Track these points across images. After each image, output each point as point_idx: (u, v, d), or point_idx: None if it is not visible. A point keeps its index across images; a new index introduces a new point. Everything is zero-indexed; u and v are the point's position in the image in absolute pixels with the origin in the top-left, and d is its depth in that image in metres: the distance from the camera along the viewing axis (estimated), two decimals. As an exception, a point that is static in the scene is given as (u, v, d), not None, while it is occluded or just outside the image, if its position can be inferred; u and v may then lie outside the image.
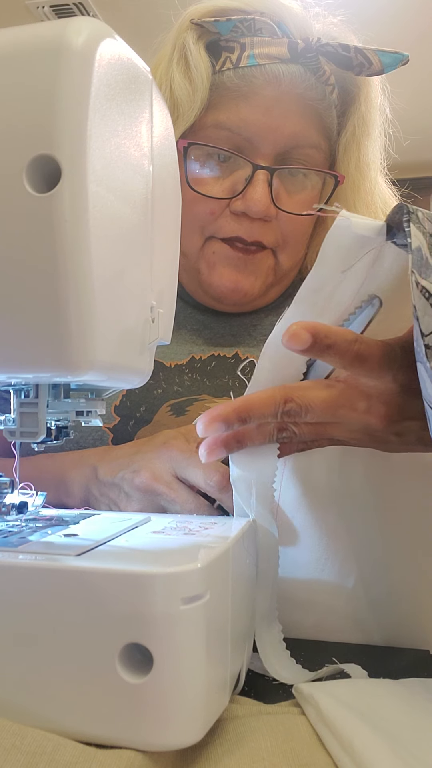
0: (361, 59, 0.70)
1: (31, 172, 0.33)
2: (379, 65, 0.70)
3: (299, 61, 0.71)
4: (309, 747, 0.35)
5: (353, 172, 0.78)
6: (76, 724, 0.33)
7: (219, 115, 0.73)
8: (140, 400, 0.78)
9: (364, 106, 0.77)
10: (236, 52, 0.73)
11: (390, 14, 2.86)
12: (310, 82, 0.72)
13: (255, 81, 0.71)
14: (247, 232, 0.74)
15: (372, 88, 0.77)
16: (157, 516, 0.50)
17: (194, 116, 0.73)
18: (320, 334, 0.41)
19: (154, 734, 0.32)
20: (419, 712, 0.38)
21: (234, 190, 0.74)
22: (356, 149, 0.78)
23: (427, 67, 3.17)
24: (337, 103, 0.76)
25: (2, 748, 0.30)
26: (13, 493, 0.47)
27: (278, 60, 0.71)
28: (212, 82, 0.73)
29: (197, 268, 0.79)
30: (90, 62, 0.34)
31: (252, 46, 0.72)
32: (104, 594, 0.32)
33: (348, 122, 0.78)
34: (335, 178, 0.77)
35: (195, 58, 0.72)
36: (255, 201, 0.72)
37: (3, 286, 0.34)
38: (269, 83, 0.71)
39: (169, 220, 0.45)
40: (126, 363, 0.39)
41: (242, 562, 0.41)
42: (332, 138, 0.78)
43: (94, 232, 0.34)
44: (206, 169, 0.75)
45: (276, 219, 0.75)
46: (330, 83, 0.74)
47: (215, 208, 0.75)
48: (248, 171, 0.73)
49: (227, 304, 0.81)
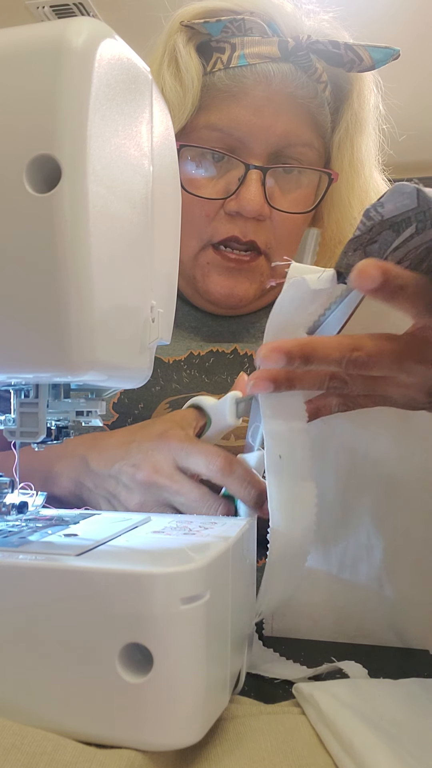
0: (351, 56, 0.70)
1: (31, 172, 0.33)
2: (369, 61, 0.70)
3: (290, 59, 0.71)
4: (309, 747, 0.35)
5: (347, 169, 0.78)
6: (76, 724, 0.33)
7: (210, 117, 0.73)
8: (138, 397, 0.78)
9: (356, 102, 0.77)
10: (227, 52, 0.73)
11: (389, 14, 2.86)
12: (301, 81, 0.72)
13: (245, 81, 0.72)
14: (242, 231, 0.74)
15: (365, 85, 0.77)
16: (157, 516, 0.50)
17: (186, 118, 0.73)
18: (391, 273, 0.38)
19: (154, 734, 0.32)
20: (419, 712, 0.38)
21: (228, 190, 0.74)
22: (350, 146, 0.78)
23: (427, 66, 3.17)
24: (330, 100, 0.76)
25: (2, 748, 0.30)
26: (13, 493, 0.47)
27: (269, 59, 0.71)
28: (203, 84, 0.73)
29: (192, 275, 0.79)
30: (90, 62, 0.34)
31: (242, 46, 0.72)
32: (104, 594, 0.32)
33: (341, 119, 0.77)
34: (329, 176, 0.77)
35: (185, 60, 0.73)
36: (248, 200, 0.71)
37: (3, 286, 0.34)
38: (260, 83, 0.71)
39: (169, 219, 0.45)
40: (126, 363, 0.39)
41: (242, 562, 0.41)
42: (326, 136, 0.78)
43: (94, 232, 0.34)
44: (200, 170, 0.75)
45: (270, 219, 0.75)
46: (322, 81, 0.74)
47: (210, 210, 0.75)
48: (241, 171, 0.73)
49: (223, 308, 0.82)
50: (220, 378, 0.80)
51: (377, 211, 0.40)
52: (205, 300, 0.81)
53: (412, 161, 3.80)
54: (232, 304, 0.80)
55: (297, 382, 0.44)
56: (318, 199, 0.78)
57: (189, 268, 0.79)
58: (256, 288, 0.79)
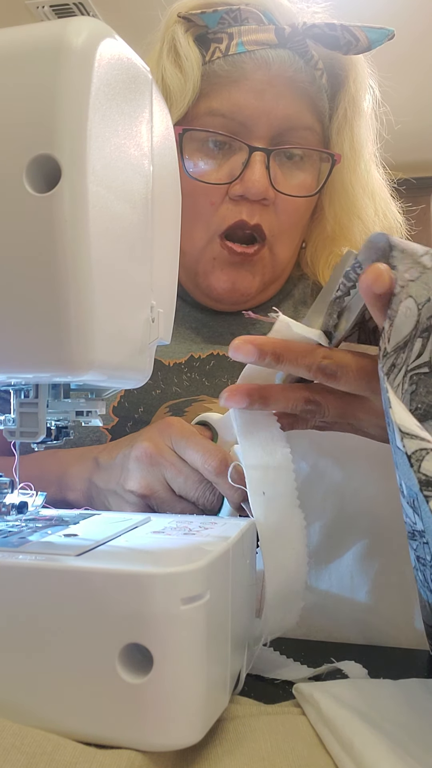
0: (348, 37, 0.70)
1: (31, 172, 0.33)
2: (366, 41, 0.71)
3: (287, 45, 0.72)
4: (309, 747, 0.35)
5: (348, 152, 0.78)
6: (76, 724, 0.33)
7: (212, 103, 0.74)
8: (138, 400, 0.78)
9: (353, 87, 0.78)
10: (224, 42, 0.73)
11: (389, 14, 2.86)
12: (299, 66, 0.73)
13: (245, 66, 0.72)
14: (249, 214, 0.74)
15: (360, 69, 0.78)
16: (157, 516, 0.50)
17: (187, 104, 0.73)
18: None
19: (154, 734, 0.32)
20: (419, 712, 0.38)
21: (232, 175, 0.74)
22: (349, 130, 0.78)
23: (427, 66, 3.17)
24: (327, 87, 0.77)
25: (2, 748, 0.30)
26: (13, 493, 0.47)
27: (266, 45, 0.72)
28: (203, 72, 0.74)
29: (195, 270, 0.79)
30: (90, 62, 0.34)
31: (240, 35, 0.73)
32: (104, 594, 0.32)
33: (339, 105, 0.78)
34: (332, 159, 0.77)
35: (185, 48, 0.73)
36: (253, 182, 0.72)
37: (3, 286, 0.34)
38: (259, 68, 0.72)
39: (169, 219, 0.45)
40: (126, 363, 0.39)
41: (242, 562, 0.41)
42: (325, 122, 0.78)
43: (94, 232, 0.34)
44: (203, 158, 0.75)
45: (274, 204, 0.75)
46: (319, 67, 0.75)
47: (215, 198, 0.75)
48: (245, 154, 0.73)
49: (225, 303, 0.81)
50: (221, 381, 0.80)
51: (356, 273, 0.41)
52: (207, 296, 0.81)
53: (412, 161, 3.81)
54: (235, 299, 0.79)
55: (271, 401, 0.44)
56: (321, 184, 0.78)
57: (194, 262, 0.78)
58: (259, 281, 0.79)
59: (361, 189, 0.80)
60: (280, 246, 0.78)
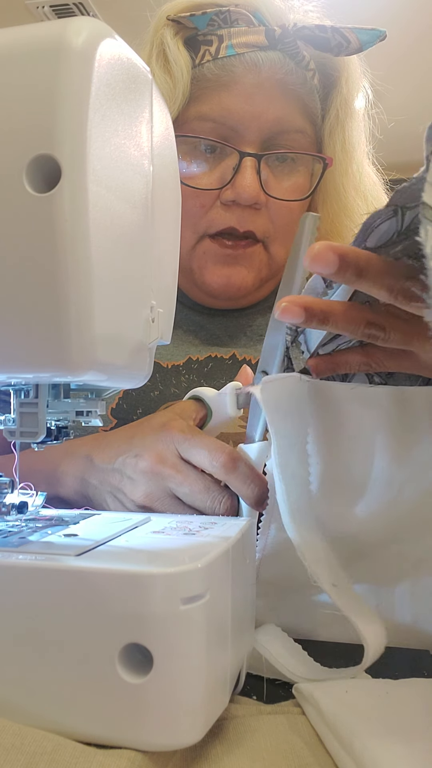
0: (339, 39, 0.70)
1: (31, 172, 0.33)
2: (357, 43, 0.70)
3: (277, 47, 0.72)
4: (309, 747, 0.35)
5: (340, 154, 0.78)
6: (76, 724, 0.33)
7: (202, 107, 0.73)
8: (137, 402, 0.78)
9: (345, 88, 0.77)
10: (214, 44, 0.73)
11: (390, 14, 2.86)
12: (289, 68, 0.72)
13: (235, 70, 0.72)
14: (239, 221, 0.74)
15: (353, 70, 0.77)
16: (157, 516, 0.50)
17: (177, 109, 0.73)
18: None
19: (154, 734, 0.32)
20: (419, 712, 0.38)
21: (223, 180, 0.73)
22: (341, 131, 0.78)
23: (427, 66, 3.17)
24: (319, 88, 0.76)
25: (2, 748, 0.30)
26: (13, 493, 0.47)
27: (256, 48, 0.72)
28: (193, 76, 0.73)
29: (190, 267, 0.79)
30: (90, 62, 0.34)
31: (230, 37, 0.73)
32: (104, 594, 0.32)
33: (331, 106, 0.77)
34: (323, 162, 0.76)
35: (174, 53, 0.73)
36: (244, 187, 0.71)
37: (3, 286, 0.34)
38: (249, 71, 0.72)
39: (169, 219, 0.45)
40: (126, 363, 0.39)
41: (242, 562, 0.41)
42: (317, 123, 0.78)
43: (94, 232, 0.34)
44: (194, 162, 0.75)
45: (266, 207, 0.74)
46: (310, 68, 0.74)
47: (206, 201, 0.74)
48: (235, 159, 0.72)
49: (222, 299, 0.81)
50: (219, 383, 0.80)
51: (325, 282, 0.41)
52: (203, 292, 0.81)
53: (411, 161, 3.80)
54: (231, 294, 0.79)
55: (331, 320, 0.40)
56: (313, 187, 0.78)
57: (186, 260, 0.78)
58: (254, 276, 0.79)
59: (353, 190, 0.80)
60: (277, 246, 0.78)
